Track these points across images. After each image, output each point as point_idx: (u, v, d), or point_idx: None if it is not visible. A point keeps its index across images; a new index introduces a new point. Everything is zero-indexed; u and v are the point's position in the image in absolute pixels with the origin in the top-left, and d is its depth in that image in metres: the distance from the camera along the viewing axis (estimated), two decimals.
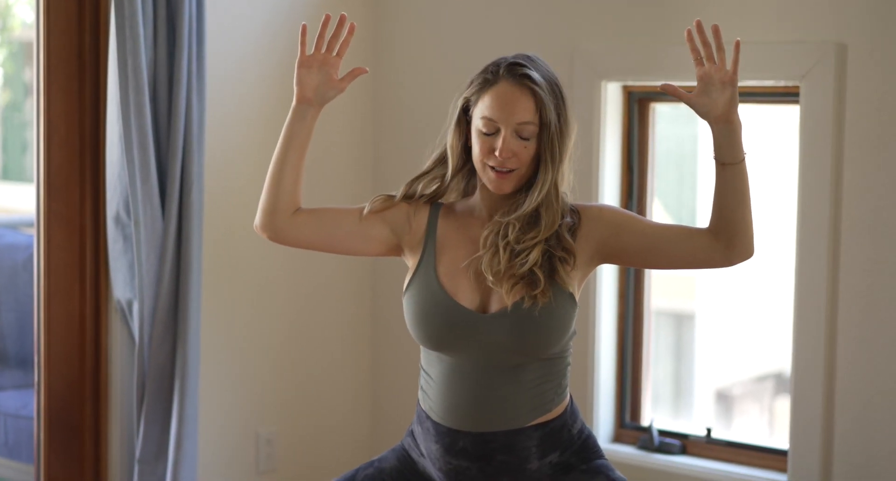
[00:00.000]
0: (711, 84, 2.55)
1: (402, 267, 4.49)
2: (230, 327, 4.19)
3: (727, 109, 2.55)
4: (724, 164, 2.57)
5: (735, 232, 2.58)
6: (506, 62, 2.60)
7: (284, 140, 2.72)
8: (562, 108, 2.59)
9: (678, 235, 2.62)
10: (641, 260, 2.67)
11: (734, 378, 4.39)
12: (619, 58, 4.00)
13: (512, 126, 2.55)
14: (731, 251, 2.59)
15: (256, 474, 4.32)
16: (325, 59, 2.69)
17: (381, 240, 2.74)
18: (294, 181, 2.71)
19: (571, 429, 2.71)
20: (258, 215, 2.74)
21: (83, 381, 3.89)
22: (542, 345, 2.61)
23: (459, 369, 2.63)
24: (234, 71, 4.12)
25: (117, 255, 3.80)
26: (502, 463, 2.64)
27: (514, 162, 2.57)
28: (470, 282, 2.62)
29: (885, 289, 3.59)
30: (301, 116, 2.71)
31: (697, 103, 2.56)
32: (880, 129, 3.56)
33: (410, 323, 2.66)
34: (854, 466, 3.67)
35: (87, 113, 3.83)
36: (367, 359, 4.64)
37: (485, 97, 2.59)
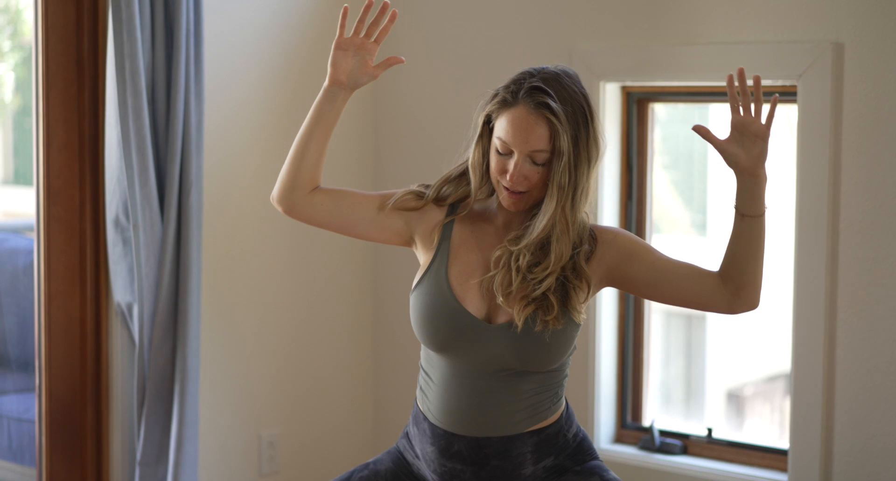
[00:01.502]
0: (744, 134, 2.53)
1: (404, 270, 4.51)
2: (231, 330, 4.19)
3: (755, 163, 2.53)
4: (743, 215, 2.56)
5: (744, 282, 2.58)
6: (529, 83, 2.55)
7: (312, 119, 2.70)
8: (582, 135, 2.53)
9: (687, 274, 2.61)
10: (646, 292, 2.65)
11: (745, 378, 4.38)
12: (617, 58, 4.00)
13: (525, 152, 2.53)
14: (736, 300, 2.59)
15: (259, 477, 4.32)
16: (363, 44, 2.65)
17: (396, 231, 2.73)
18: (316, 160, 2.70)
19: (567, 434, 2.71)
20: (276, 188, 2.74)
21: (84, 384, 3.90)
22: (544, 363, 2.62)
23: (459, 373, 2.63)
24: (232, 74, 4.13)
25: (117, 259, 3.81)
26: (496, 468, 2.64)
27: (524, 185, 2.55)
28: (479, 290, 2.62)
29: (883, 287, 3.58)
30: (331, 98, 2.68)
31: (727, 151, 2.54)
32: (877, 128, 3.56)
33: (415, 321, 2.65)
34: (854, 465, 3.66)
35: (85, 117, 3.84)
36: (369, 362, 4.64)
37: (502, 118, 2.56)
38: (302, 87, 4.34)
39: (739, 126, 2.53)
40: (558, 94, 2.53)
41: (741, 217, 2.56)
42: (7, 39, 4.10)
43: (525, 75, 2.58)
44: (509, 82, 2.59)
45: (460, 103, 4.36)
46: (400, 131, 4.48)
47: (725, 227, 4.21)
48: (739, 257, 2.57)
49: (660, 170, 4.31)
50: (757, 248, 2.57)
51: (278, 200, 2.74)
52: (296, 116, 4.31)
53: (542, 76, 2.56)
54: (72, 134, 3.83)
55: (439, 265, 2.65)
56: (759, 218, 2.55)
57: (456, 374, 2.63)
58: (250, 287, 4.24)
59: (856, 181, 3.60)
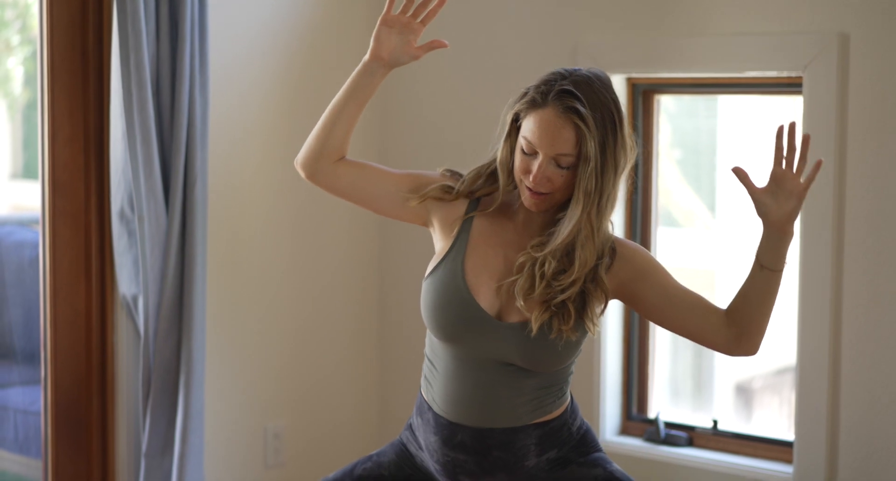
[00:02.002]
0: (780, 188, 2.53)
1: (409, 259, 4.51)
2: (236, 321, 4.20)
3: (785, 219, 2.53)
4: (762, 267, 2.56)
5: (748, 329, 2.59)
6: (559, 86, 2.51)
7: (347, 91, 2.68)
8: (610, 142, 2.51)
9: (695, 306, 2.61)
10: (652, 314, 2.65)
11: (754, 371, 4.38)
12: (623, 50, 4.00)
13: (550, 155, 2.51)
14: (737, 344, 2.60)
15: (265, 468, 4.33)
16: (409, 24, 2.63)
17: (415, 213, 2.72)
18: (346, 131, 2.68)
19: (571, 427, 2.71)
20: (302, 153, 2.71)
21: (89, 376, 3.90)
22: (549, 367, 2.62)
23: (464, 364, 2.62)
24: (237, 65, 4.13)
25: (122, 251, 3.81)
26: (499, 459, 2.64)
27: (547, 186, 2.53)
28: (492, 285, 2.60)
29: (889, 278, 3.58)
30: (370, 72, 2.66)
31: (760, 201, 2.54)
32: (883, 119, 3.55)
33: (426, 309, 2.64)
34: (859, 457, 3.66)
35: (90, 109, 3.84)
36: (375, 353, 4.64)
37: (529, 118, 2.54)
38: (307, 79, 4.34)
39: (778, 179, 2.53)
40: (588, 98, 2.50)
41: (760, 267, 2.56)
42: (16, 34, 4.10)
43: (556, 76, 2.55)
44: (540, 82, 2.56)
45: (466, 95, 4.36)
46: (405, 123, 4.47)
47: (733, 219, 4.20)
48: (750, 304, 2.58)
49: (671, 163, 4.31)
50: (769, 300, 2.58)
51: (302, 165, 2.71)
52: (301, 108, 4.31)
53: (574, 79, 2.53)
54: (77, 127, 3.84)
55: (456, 255, 2.63)
56: (778, 273, 2.56)
57: (461, 365, 2.62)
58: (255, 278, 4.24)
59: (861, 172, 3.59)
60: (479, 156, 2.77)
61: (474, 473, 2.65)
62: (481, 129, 4.30)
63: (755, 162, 4.15)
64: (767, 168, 2.56)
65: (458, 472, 2.66)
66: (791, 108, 3.91)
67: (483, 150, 2.74)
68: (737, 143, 4.25)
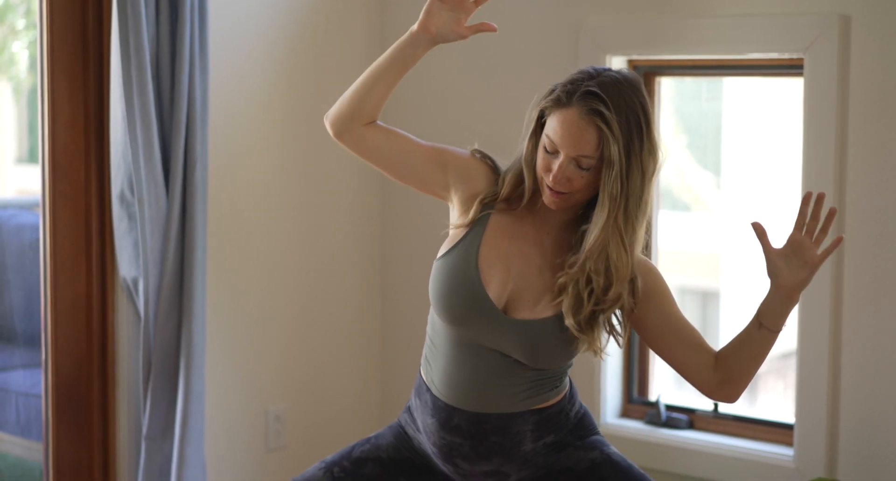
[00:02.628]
0: (795, 255, 2.52)
1: (412, 243, 4.50)
2: (237, 304, 4.20)
3: (793, 286, 2.53)
4: (761, 324, 2.56)
5: (733, 379, 2.60)
6: (585, 86, 2.48)
7: (387, 59, 2.64)
8: (636, 146, 2.47)
9: (690, 342, 2.62)
10: (647, 337, 2.65)
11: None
12: (624, 31, 3.98)
13: (570, 155, 2.49)
14: (719, 389, 2.62)
15: (266, 451, 4.33)
16: (461, 3, 2.59)
17: (438, 186, 2.70)
18: (380, 98, 2.66)
19: (569, 413, 2.71)
20: (334, 111, 2.70)
21: (90, 359, 3.91)
22: (550, 365, 2.63)
23: (465, 349, 2.61)
24: (237, 48, 4.12)
25: (122, 234, 3.81)
26: (495, 444, 2.64)
27: (567, 186, 2.51)
28: (503, 277, 2.59)
29: (890, 262, 3.57)
30: (415, 44, 2.62)
31: (773, 262, 2.53)
32: (884, 101, 3.54)
33: (434, 290, 2.62)
34: (859, 440, 3.65)
35: (90, 92, 3.84)
36: (377, 336, 4.64)
37: (553, 116, 2.51)
38: (307, 61, 4.34)
39: (795, 244, 2.52)
40: (614, 101, 2.47)
41: (759, 325, 2.57)
42: (21, 17, 4.10)
43: (584, 75, 2.52)
44: (567, 80, 2.52)
45: (465, 77, 4.34)
46: (403, 105, 4.46)
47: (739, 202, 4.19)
48: (740, 356, 2.59)
49: (676, 147, 4.30)
50: (760, 356, 2.59)
51: (331, 123, 2.70)
52: (301, 90, 4.31)
53: (601, 80, 2.49)
54: (77, 110, 3.83)
55: (472, 241, 2.62)
56: (775, 333, 2.57)
57: (462, 350, 2.62)
58: (256, 261, 4.24)
59: (862, 154, 3.58)
60: (477, 139, 2.76)
61: (470, 457, 2.65)
62: (480, 111, 4.31)
63: (758, 146, 4.15)
64: (787, 230, 2.55)
65: (454, 455, 2.66)
66: (792, 89, 3.89)
67: (482, 132, 2.73)
68: (742, 126, 4.24)
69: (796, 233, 2.52)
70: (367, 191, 4.56)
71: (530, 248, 2.61)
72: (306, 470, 2.80)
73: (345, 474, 2.76)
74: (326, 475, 2.76)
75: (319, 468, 2.78)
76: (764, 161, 4.10)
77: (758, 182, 4.17)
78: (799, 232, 2.52)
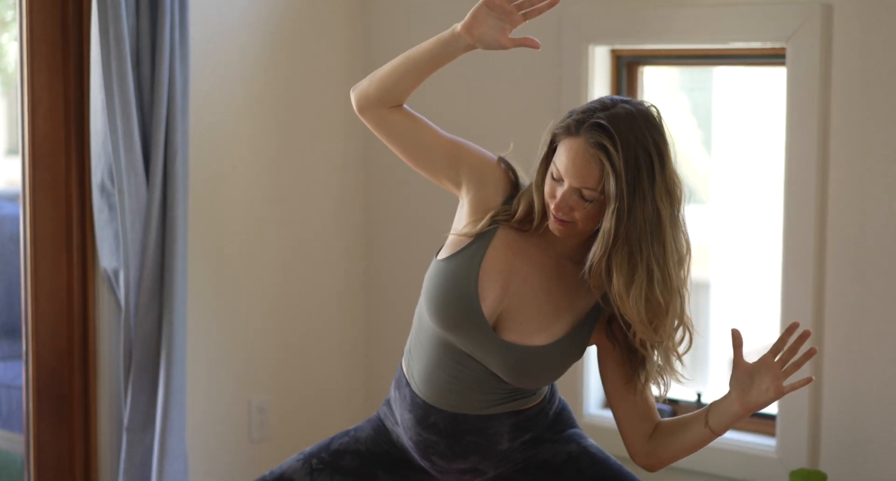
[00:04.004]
0: (763, 377, 2.49)
1: (397, 234, 4.49)
2: (219, 295, 4.18)
3: (751, 406, 2.51)
4: (707, 423, 2.55)
5: (660, 455, 2.61)
6: (595, 118, 2.41)
7: (426, 51, 2.59)
8: (643, 184, 2.39)
9: (644, 409, 2.62)
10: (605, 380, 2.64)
11: (749, 346, 4.39)
12: (607, 21, 3.97)
13: (574, 186, 2.43)
14: (644, 457, 2.63)
15: (249, 443, 4.32)
16: (511, 13, 2.53)
17: (450, 181, 2.65)
18: (411, 86, 2.61)
19: (548, 412, 2.70)
20: (362, 88, 2.64)
21: (71, 351, 3.89)
22: (530, 386, 2.62)
23: (448, 353, 2.59)
24: (218, 37, 4.10)
25: (103, 224, 3.80)
26: (472, 444, 2.63)
27: (569, 215, 2.46)
28: (500, 294, 2.56)
29: (872, 250, 3.56)
30: (455, 43, 2.56)
31: (738, 375, 2.51)
32: (867, 90, 3.53)
33: (428, 292, 2.59)
34: (842, 429, 3.65)
35: (70, 83, 3.82)
36: (360, 326, 4.63)
37: (562, 144, 2.46)
38: (289, 51, 4.32)
39: (766, 367, 2.50)
40: (623, 137, 2.39)
41: (705, 423, 2.56)
42: (10, 9, 4.08)
43: (598, 105, 2.45)
44: (582, 108, 2.47)
45: (447, 70, 4.32)
46: None
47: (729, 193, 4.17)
48: (675, 441, 2.60)
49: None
50: (693, 448, 2.59)
51: (357, 98, 2.65)
52: (284, 80, 4.29)
53: (613, 112, 2.41)
54: (57, 99, 3.81)
55: (477, 250, 2.57)
56: (716, 435, 2.56)
57: (445, 352, 2.59)
58: (238, 252, 4.23)
59: (845, 143, 3.58)
60: (454, 129, 2.74)
61: (446, 455, 2.64)
62: (458, 101, 4.28)
63: (747, 136, 4.14)
64: (763, 349, 2.54)
65: (430, 452, 2.65)
66: (774, 79, 3.89)
67: (460, 122, 2.71)
68: (732, 117, 4.24)
69: (769, 357, 2.50)
70: (351, 180, 4.54)
71: (531, 269, 2.57)
72: (284, 462, 2.79)
73: (323, 466, 2.75)
74: (305, 466, 2.75)
75: (297, 459, 2.77)
76: (754, 151, 4.10)
77: (748, 173, 4.17)
78: (772, 356, 2.50)
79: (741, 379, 2.51)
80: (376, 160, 4.52)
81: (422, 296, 2.63)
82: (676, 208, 2.45)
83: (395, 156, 2.60)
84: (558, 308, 2.56)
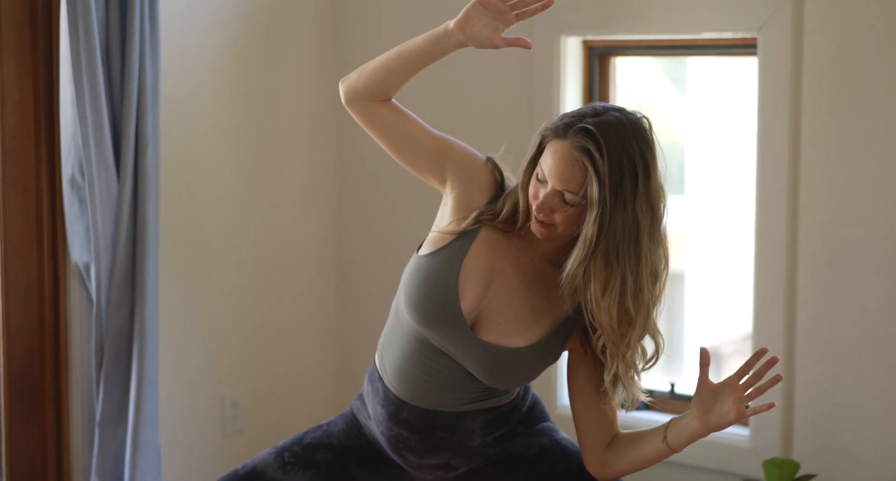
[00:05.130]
0: (725, 398, 2.48)
1: (370, 229, 4.48)
2: (191, 289, 4.17)
3: (711, 426, 2.49)
4: (665, 438, 2.54)
5: (614, 466, 2.60)
6: (583, 122, 2.40)
7: (417, 47, 2.57)
8: (625, 192, 2.38)
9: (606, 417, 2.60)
10: (571, 387, 2.63)
11: (723, 337, 4.39)
12: (578, 12, 3.97)
13: (557, 188, 2.42)
14: (597, 466, 2.62)
15: (222, 437, 4.31)
16: (504, 13, 2.52)
17: (435, 178, 2.64)
18: (401, 81, 2.59)
19: (521, 407, 2.70)
20: (351, 81, 2.62)
21: (42, 346, 3.87)
22: (506, 387, 2.61)
23: (423, 349, 2.58)
24: (188, 30, 4.08)
25: (74, 218, 3.78)
26: (443, 440, 2.62)
27: (549, 217, 2.45)
28: (480, 293, 2.55)
29: (843, 239, 3.58)
30: (446, 40, 2.54)
31: (703, 394, 2.49)
32: (837, 80, 3.54)
33: (409, 287, 2.58)
34: (814, 421, 3.67)
35: (40, 76, 3.80)
36: (332, 319, 4.63)
37: (549, 146, 2.44)
38: (262, 43, 4.31)
39: (729, 389, 2.48)
40: (609, 144, 2.38)
41: (663, 438, 2.54)
42: None
43: (588, 111, 2.45)
44: (572, 112, 2.46)
45: None
46: None
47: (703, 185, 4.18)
48: (631, 453, 2.58)
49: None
50: (648, 462, 2.58)
51: (346, 90, 2.63)
52: (256, 72, 4.28)
53: (602, 119, 2.40)
54: (26, 93, 3.79)
55: (459, 248, 2.56)
56: (670, 452, 2.55)
57: (420, 349, 2.58)
58: (210, 245, 4.21)
59: (816, 133, 3.59)
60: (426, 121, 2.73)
61: (417, 450, 2.63)
62: (428, 93, 4.27)
63: (720, 127, 4.15)
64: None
65: (401, 447, 2.65)
66: (746, 69, 3.89)
67: (429, 115, 2.70)
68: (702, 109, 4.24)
69: (734, 380, 2.48)
70: (322, 173, 4.54)
71: (512, 270, 2.57)
72: (257, 456, 2.78)
73: (296, 459, 2.74)
74: (277, 460, 2.74)
75: (270, 453, 2.76)
76: (726, 142, 4.10)
77: (721, 163, 4.17)
78: (737, 380, 2.48)
79: (704, 398, 2.49)
80: (347, 152, 4.51)
81: (400, 291, 2.62)
82: (657, 221, 2.45)
83: (366, 146, 2.59)
84: (537, 311, 2.56)
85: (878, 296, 3.55)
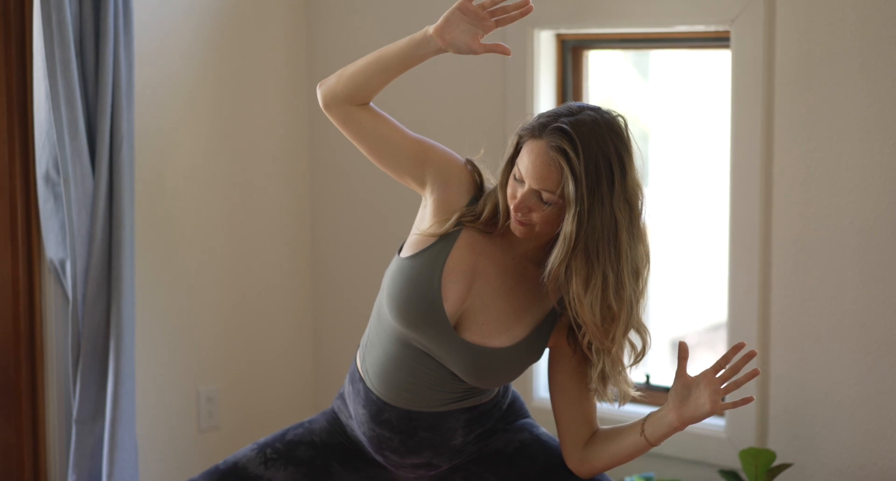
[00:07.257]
0: (702, 392, 2.49)
1: (343, 223, 4.48)
2: (167, 284, 4.16)
3: (687, 419, 2.51)
4: (642, 432, 2.55)
5: (593, 462, 2.62)
6: (559, 122, 2.41)
7: (397, 52, 2.58)
8: (602, 191, 2.40)
9: (585, 413, 2.62)
10: (553, 383, 2.64)
11: (688, 328, 4.41)
12: (551, 5, 3.98)
13: (534, 187, 2.43)
14: (577, 462, 2.63)
15: (198, 432, 4.31)
16: (483, 19, 2.51)
17: (414, 181, 2.64)
18: (379, 86, 2.60)
19: (502, 405, 2.71)
20: (329, 85, 2.63)
21: (18, 343, 3.86)
22: (489, 386, 2.62)
23: (406, 350, 2.58)
24: (162, 24, 4.07)
25: (48, 215, 3.76)
26: (425, 440, 2.63)
27: (527, 217, 2.46)
28: (463, 294, 2.56)
29: (817, 231, 3.60)
30: (426, 45, 2.55)
31: (680, 387, 2.51)
32: (810, 72, 3.56)
33: (390, 290, 2.58)
34: (789, 410, 3.69)
35: (13, 71, 3.78)
36: (308, 314, 4.63)
37: (525, 146, 2.46)
38: (234, 37, 4.30)
39: (706, 382, 2.49)
40: (584, 143, 2.39)
41: (640, 432, 2.56)
42: None
43: (564, 111, 2.46)
44: (549, 112, 2.48)
45: None
46: None
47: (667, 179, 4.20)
48: (610, 448, 2.60)
49: None
50: (627, 457, 2.60)
51: (324, 94, 2.64)
52: (229, 67, 4.27)
53: (577, 119, 2.42)
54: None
55: (441, 250, 2.57)
56: (648, 445, 2.56)
57: (403, 350, 2.59)
58: (185, 240, 4.20)
59: (789, 125, 3.61)
60: (397, 116, 2.74)
61: (399, 450, 2.65)
62: (401, 88, 4.27)
63: (685, 120, 4.17)
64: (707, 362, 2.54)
65: (383, 447, 2.66)
66: (719, 62, 3.91)
67: (400, 111, 2.71)
68: (668, 102, 4.26)
69: (711, 373, 2.49)
70: (297, 168, 4.53)
71: (494, 270, 2.58)
72: (238, 451, 2.79)
73: (277, 456, 2.74)
74: (259, 456, 2.75)
75: (252, 449, 2.77)
76: (694, 135, 4.12)
77: (688, 157, 4.19)
78: (714, 373, 2.49)
79: (680, 391, 2.51)
80: (319, 145, 4.51)
81: (382, 293, 2.62)
82: (636, 218, 2.46)
83: (339, 146, 2.58)
84: (519, 310, 2.57)
85: (851, 288, 3.58)
